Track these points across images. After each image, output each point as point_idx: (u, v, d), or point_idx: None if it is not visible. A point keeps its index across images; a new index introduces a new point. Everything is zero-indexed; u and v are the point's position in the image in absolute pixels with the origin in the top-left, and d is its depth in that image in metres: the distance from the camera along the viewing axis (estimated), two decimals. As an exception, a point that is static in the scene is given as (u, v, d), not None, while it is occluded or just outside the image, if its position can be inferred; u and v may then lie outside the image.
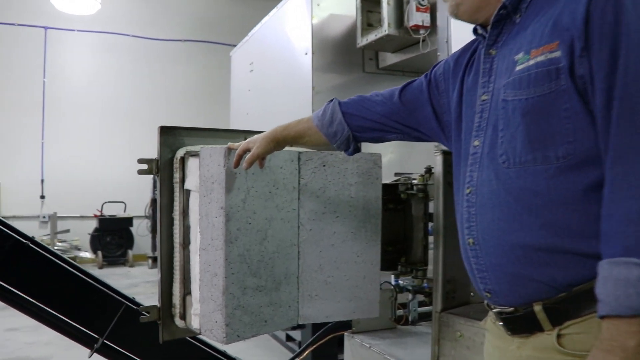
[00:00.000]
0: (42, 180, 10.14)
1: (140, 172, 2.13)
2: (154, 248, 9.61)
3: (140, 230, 10.17)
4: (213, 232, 1.90)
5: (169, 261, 2.15)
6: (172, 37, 11.12)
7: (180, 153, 2.16)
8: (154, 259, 9.38)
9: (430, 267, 2.71)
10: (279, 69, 4.28)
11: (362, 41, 3.46)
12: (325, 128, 1.73)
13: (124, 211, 10.26)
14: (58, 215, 9.62)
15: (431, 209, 2.64)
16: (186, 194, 2.15)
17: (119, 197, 10.15)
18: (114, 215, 10.01)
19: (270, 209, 2.02)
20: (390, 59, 3.71)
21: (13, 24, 10.10)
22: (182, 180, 2.15)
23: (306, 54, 3.71)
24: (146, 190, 9.81)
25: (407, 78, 4.16)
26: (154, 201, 9.18)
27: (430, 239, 2.63)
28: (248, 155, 1.75)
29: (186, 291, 2.14)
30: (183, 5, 11.21)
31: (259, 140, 1.76)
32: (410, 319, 2.96)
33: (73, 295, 2.11)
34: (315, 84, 3.63)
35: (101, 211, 9.96)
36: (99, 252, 9.67)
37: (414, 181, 2.76)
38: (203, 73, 11.12)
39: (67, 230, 9.69)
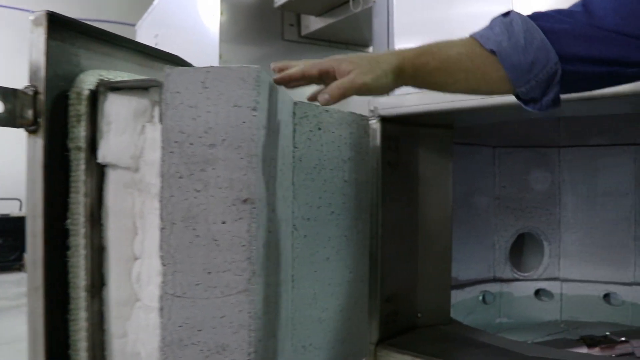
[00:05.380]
0: None
1: None
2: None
3: (39, 231, 9.24)
4: (213, 257, 0.90)
5: (48, 326, 1.10)
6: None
7: (86, 83, 1.15)
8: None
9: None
10: (184, 38, 3.62)
11: (279, -2, 2.87)
12: (516, 54, 0.93)
13: (19, 209, 9.26)
14: (-62, 214, 8.54)
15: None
16: (97, 173, 1.18)
17: (13, 194, 9.15)
18: (7, 215, 9.05)
19: (282, 201, 1.16)
20: (314, 23, 3.17)
21: None
22: (91, 145, 1.16)
23: (212, 17, 3.07)
24: (45, 186, 8.90)
25: (334, 51, 3.64)
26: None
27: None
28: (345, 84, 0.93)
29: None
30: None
31: (363, 64, 0.94)
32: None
33: None
34: (223, 53, 3.00)
35: (-9, 209, 8.99)
36: (-12, 256, 8.70)
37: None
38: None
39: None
